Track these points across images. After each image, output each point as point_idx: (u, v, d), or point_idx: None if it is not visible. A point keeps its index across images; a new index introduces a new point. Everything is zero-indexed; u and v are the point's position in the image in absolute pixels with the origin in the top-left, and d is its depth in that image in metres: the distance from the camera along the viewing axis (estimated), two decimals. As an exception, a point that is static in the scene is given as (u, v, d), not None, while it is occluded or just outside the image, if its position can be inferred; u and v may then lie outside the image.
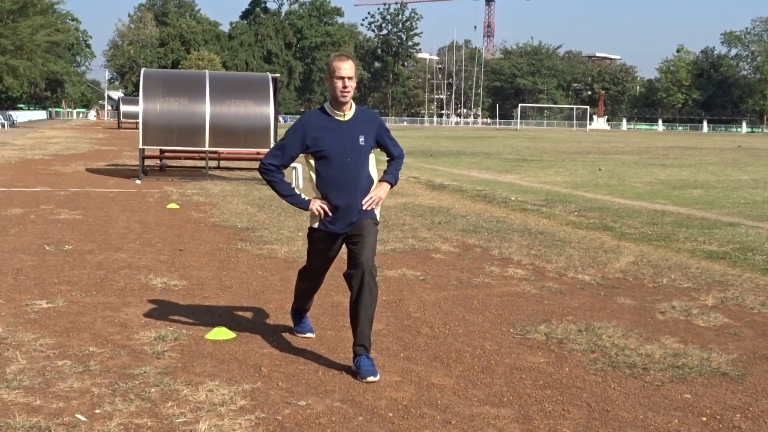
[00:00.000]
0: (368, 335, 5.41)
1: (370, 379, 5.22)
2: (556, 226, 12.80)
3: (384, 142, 5.67)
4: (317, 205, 5.43)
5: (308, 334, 6.14)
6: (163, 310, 6.89)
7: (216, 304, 7.22)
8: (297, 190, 5.60)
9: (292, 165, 6.21)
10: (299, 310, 6.22)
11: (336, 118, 5.43)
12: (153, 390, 4.90)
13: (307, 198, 5.52)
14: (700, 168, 29.08)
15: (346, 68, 5.34)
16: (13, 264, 8.75)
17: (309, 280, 5.98)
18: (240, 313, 6.92)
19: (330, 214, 5.45)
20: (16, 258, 9.11)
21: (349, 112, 5.46)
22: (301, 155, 5.55)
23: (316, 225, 5.54)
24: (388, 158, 5.79)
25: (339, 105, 5.41)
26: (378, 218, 5.65)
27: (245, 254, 9.76)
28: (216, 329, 6.17)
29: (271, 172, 5.46)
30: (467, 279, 8.59)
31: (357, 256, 5.38)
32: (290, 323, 6.51)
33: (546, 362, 5.72)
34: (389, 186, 5.65)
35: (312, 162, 5.47)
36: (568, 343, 6.17)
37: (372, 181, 5.58)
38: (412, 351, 5.93)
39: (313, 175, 5.48)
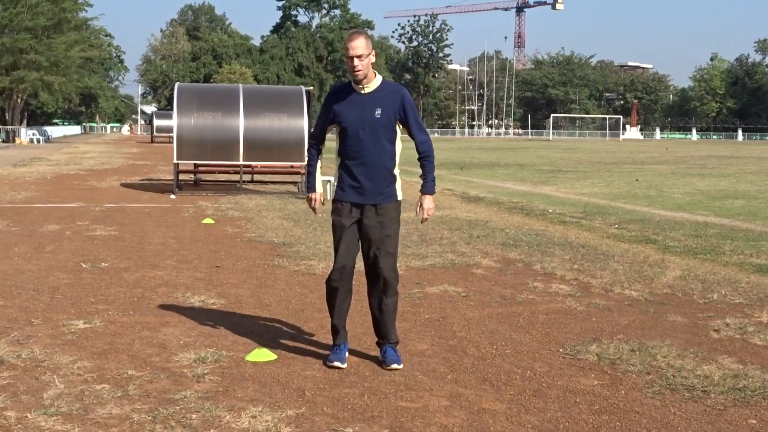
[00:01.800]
0: (392, 329, 5.86)
1: (394, 366, 5.66)
2: (598, 239, 12.53)
3: (406, 119, 5.64)
4: (312, 197, 5.85)
5: (336, 363, 5.74)
6: (201, 330, 6.74)
7: (255, 323, 7.05)
8: (318, 174, 5.93)
9: (326, 179, 6.25)
10: (335, 328, 5.90)
11: (357, 91, 5.62)
12: (194, 416, 4.73)
13: (315, 187, 5.86)
14: (739, 178, 28.60)
15: (356, 47, 5.44)
16: (49, 282, 8.65)
17: (332, 269, 5.82)
18: (280, 332, 6.75)
19: (315, 211, 5.96)
20: (52, 276, 9.01)
21: (369, 86, 5.59)
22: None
23: (334, 196, 5.80)
24: (417, 155, 5.77)
25: (356, 82, 5.59)
26: (400, 196, 5.77)
27: (283, 271, 9.60)
28: (256, 350, 6.00)
29: (310, 147, 5.95)
30: (511, 295, 8.37)
31: (374, 261, 5.70)
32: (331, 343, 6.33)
33: (600, 385, 5.49)
34: (431, 196, 5.81)
35: (337, 132, 5.73)
36: (621, 364, 5.93)
37: (391, 155, 5.63)
38: (459, 373, 5.72)
39: (337, 144, 5.74)
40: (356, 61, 5.44)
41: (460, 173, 30.25)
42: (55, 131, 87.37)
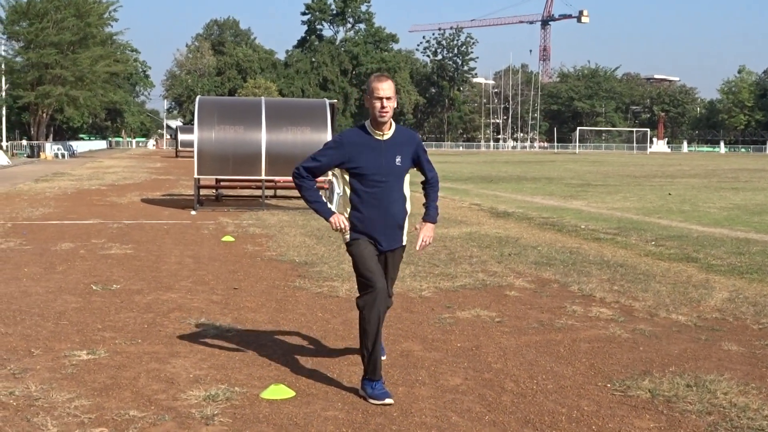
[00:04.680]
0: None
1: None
2: (635, 258, 11.89)
3: (421, 163, 5.64)
4: (338, 219, 5.40)
5: (387, 400, 5.25)
6: (214, 362, 6.18)
7: (273, 353, 6.49)
8: (330, 204, 5.47)
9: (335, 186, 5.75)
10: (376, 359, 5.32)
11: (375, 137, 5.41)
12: (199, 468, 4.17)
13: (332, 210, 5.48)
14: (775, 191, 27.78)
15: (385, 89, 5.31)
16: (56, 307, 8.13)
17: (372, 291, 5.25)
18: (299, 364, 6.18)
19: (347, 228, 5.40)
20: (60, 300, 8.50)
21: (388, 132, 5.44)
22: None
23: (348, 237, 5.47)
24: (422, 182, 5.74)
25: (378, 125, 5.39)
26: (405, 241, 5.65)
27: (304, 293, 9.05)
28: (273, 387, 5.43)
29: (303, 178, 5.52)
30: (549, 321, 7.76)
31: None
32: (355, 377, 5.76)
33: (657, 428, 4.88)
34: (433, 224, 5.64)
35: (347, 177, 5.46)
36: (678, 402, 5.32)
37: (405, 199, 5.54)
38: (498, 413, 5.12)
39: (347, 190, 5.47)
40: (385, 103, 5.31)
41: (487, 187, 29.64)
42: (80, 146, 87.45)
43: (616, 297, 8.90)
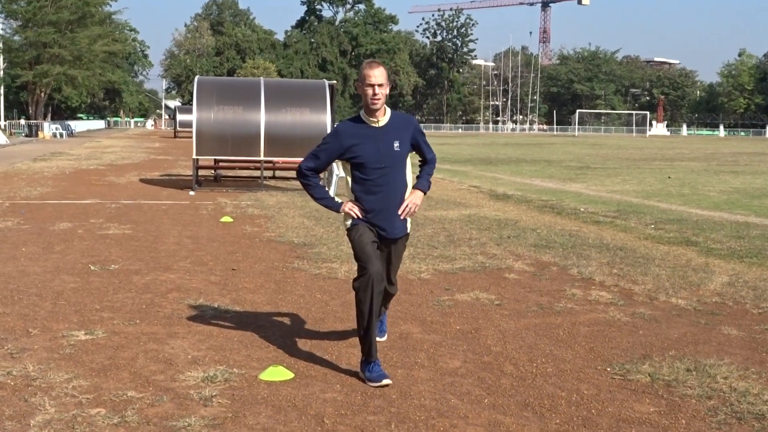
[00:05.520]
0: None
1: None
2: (635, 241, 11.86)
3: (419, 146, 5.60)
4: (349, 207, 5.42)
5: (384, 381, 5.23)
6: (212, 343, 6.16)
7: (271, 334, 6.46)
8: (331, 193, 5.35)
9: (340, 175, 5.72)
10: (371, 341, 5.30)
11: (370, 124, 5.39)
12: (198, 450, 4.15)
13: (339, 200, 5.53)
14: (774, 175, 27.74)
15: (376, 75, 5.27)
16: (54, 287, 8.10)
17: (366, 274, 5.21)
18: (298, 346, 6.16)
19: (361, 216, 5.40)
20: (58, 279, 8.47)
21: (383, 118, 5.40)
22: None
23: (349, 223, 5.47)
24: (420, 161, 5.71)
25: (371, 112, 5.37)
26: (409, 230, 5.64)
27: (303, 274, 9.02)
28: (271, 368, 5.41)
29: (307, 177, 5.56)
30: (548, 304, 7.74)
31: (387, 276, 5.54)
32: (354, 359, 5.75)
33: (657, 412, 4.86)
34: (423, 193, 5.56)
35: (348, 167, 5.47)
36: (678, 387, 5.30)
37: (407, 185, 5.52)
38: (497, 396, 5.11)
39: (349, 180, 5.49)
40: (377, 89, 5.27)
41: (486, 169, 29.58)
42: (78, 126, 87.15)
43: (616, 280, 8.87)
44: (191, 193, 18.90)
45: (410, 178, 5.54)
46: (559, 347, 6.25)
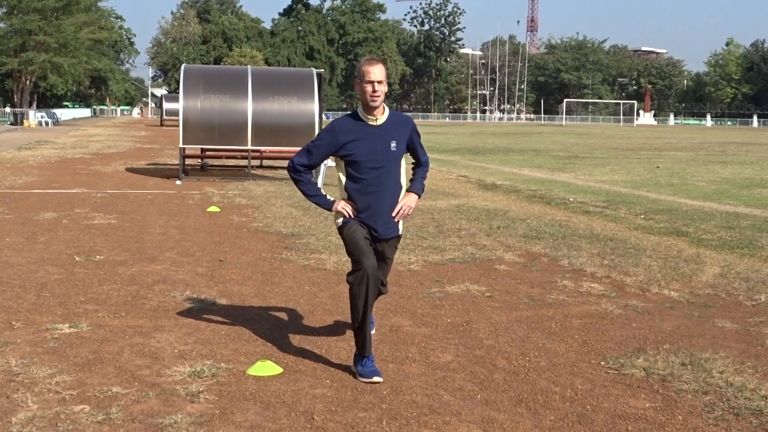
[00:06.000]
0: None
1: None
2: (625, 231, 11.79)
3: (415, 148, 5.51)
4: (342, 205, 5.30)
5: (375, 378, 5.12)
6: (199, 336, 6.04)
7: (259, 328, 6.35)
8: (319, 182, 5.18)
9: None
10: (366, 336, 5.21)
11: (368, 122, 5.26)
12: (184, 448, 4.04)
13: (331, 198, 5.39)
14: (762, 165, 27.75)
15: (376, 72, 5.16)
16: (38, 278, 7.96)
17: (362, 268, 5.09)
18: (286, 339, 6.04)
19: (354, 215, 5.29)
20: (42, 271, 8.33)
21: (381, 117, 5.29)
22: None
23: (340, 221, 5.36)
24: (413, 164, 5.62)
25: (370, 110, 5.25)
26: (401, 231, 5.54)
27: (291, 265, 8.90)
28: (259, 363, 5.30)
29: (299, 172, 5.40)
30: (539, 296, 7.65)
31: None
32: (344, 352, 5.65)
33: (653, 408, 4.78)
34: (417, 196, 5.45)
35: (342, 165, 5.32)
36: (673, 382, 5.21)
37: (401, 187, 5.42)
38: (490, 392, 5.01)
39: (343, 178, 5.35)
40: (376, 86, 5.15)
41: (474, 158, 29.49)
42: (64, 114, 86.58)
43: (607, 272, 8.80)
44: (178, 182, 18.74)
45: (405, 179, 5.44)
46: (552, 340, 6.16)
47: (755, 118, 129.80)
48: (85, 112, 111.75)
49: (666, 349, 5.93)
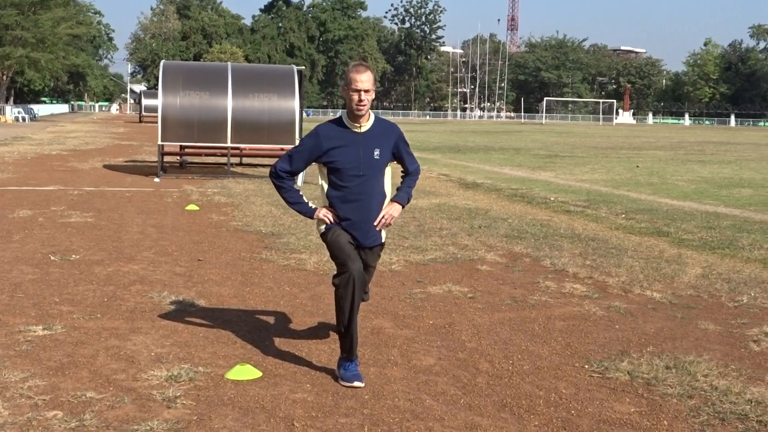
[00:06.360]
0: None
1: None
2: (606, 231, 11.75)
3: (401, 156, 5.37)
4: (324, 213, 5.20)
5: (356, 383, 5.03)
6: (177, 339, 5.92)
7: (238, 330, 6.24)
8: (305, 198, 5.27)
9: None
10: (351, 339, 5.09)
11: (352, 129, 5.15)
12: (160, 456, 3.93)
13: (313, 206, 5.29)
14: (741, 165, 27.87)
15: (363, 80, 5.03)
16: (11, 278, 7.81)
17: (347, 271, 4.98)
18: (266, 342, 5.94)
19: (335, 221, 5.18)
20: (16, 270, 8.17)
21: (366, 124, 5.17)
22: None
23: (323, 228, 5.25)
24: (402, 172, 5.46)
25: (355, 117, 5.13)
26: (384, 240, 5.43)
27: (271, 265, 8.79)
28: (238, 367, 5.19)
29: (282, 179, 5.29)
30: (522, 297, 7.58)
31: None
32: (324, 356, 5.55)
33: (638, 412, 4.71)
34: (401, 206, 5.32)
35: (324, 171, 5.22)
36: (658, 385, 5.15)
37: (385, 196, 5.29)
38: (473, 396, 4.93)
39: (325, 185, 5.25)
40: (363, 95, 5.02)
41: (455, 157, 29.44)
42: (42, 109, 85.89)
43: (589, 272, 8.74)
44: (156, 180, 18.56)
45: (389, 188, 5.31)
46: (535, 343, 6.09)
47: (733, 117, 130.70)
48: (63, 108, 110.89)
49: (650, 352, 5.87)
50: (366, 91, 5.02)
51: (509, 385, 5.13)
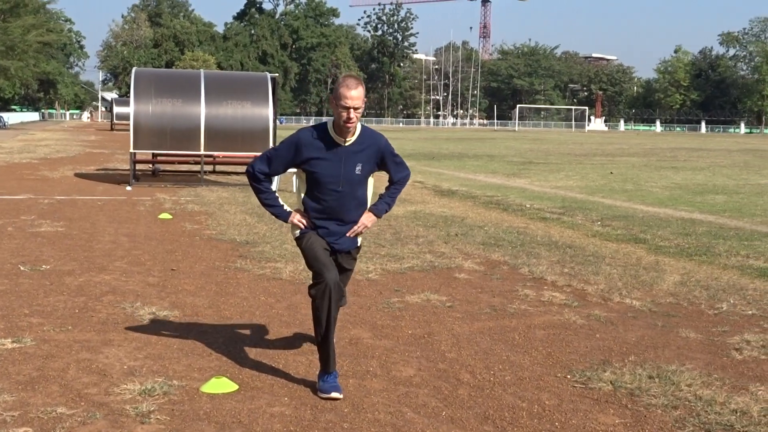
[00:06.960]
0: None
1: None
2: (583, 238, 11.71)
3: (387, 166, 5.26)
4: (297, 218, 5.12)
5: (333, 394, 4.90)
6: (150, 351, 5.78)
7: (213, 341, 6.10)
8: (281, 200, 5.20)
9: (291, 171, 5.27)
10: (329, 350, 4.98)
11: (336, 142, 5.01)
12: (134, 475, 3.79)
13: (288, 210, 5.20)
14: (714, 171, 28.01)
15: (354, 97, 4.85)
16: (-21, 289, 7.62)
17: (323, 281, 4.86)
18: (242, 354, 5.80)
19: (308, 226, 5.11)
20: (-16, 281, 7.99)
21: (351, 138, 5.02)
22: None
23: (297, 232, 5.18)
24: (388, 181, 5.39)
25: (342, 132, 4.98)
26: (360, 243, 5.40)
27: (246, 275, 8.65)
28: (214, 380, 5.05)
29: (260, 181, 5.19)
30: (501, 306, 7.49)
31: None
32: (302, 367, 5.43)
33: (623, 424, 4.62)
34: (376, 217, 5.27)
35: (303, 177, 5.13)
36: (642, 396, 5.07)
37: (365, 204, 5.24)
38: (455, 408, 4.82)
39: (302, 191, 5.17)
40: (352, 114, 4.87)
41: (430, 164, 29.38)
42: (12, 117, 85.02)
43: (568, 280, 8.67)
44: (128, 188, 18.34)
45: (370, 196, 5.26)
46: (516, 353, 6.00)
47: (703, 124, 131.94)
48: (34, 116, 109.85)
49: (632, 361, 5.80)
50: (355, 108, 4.86)
51: (491, 397, 5.03)
